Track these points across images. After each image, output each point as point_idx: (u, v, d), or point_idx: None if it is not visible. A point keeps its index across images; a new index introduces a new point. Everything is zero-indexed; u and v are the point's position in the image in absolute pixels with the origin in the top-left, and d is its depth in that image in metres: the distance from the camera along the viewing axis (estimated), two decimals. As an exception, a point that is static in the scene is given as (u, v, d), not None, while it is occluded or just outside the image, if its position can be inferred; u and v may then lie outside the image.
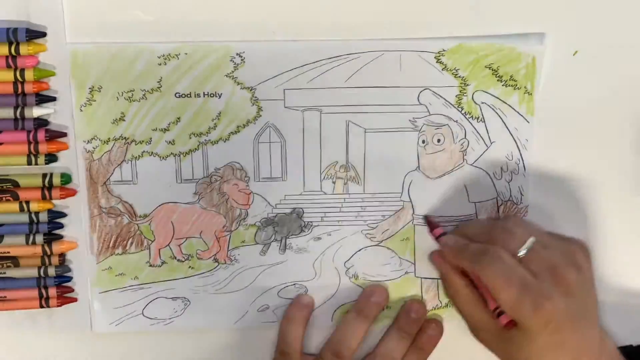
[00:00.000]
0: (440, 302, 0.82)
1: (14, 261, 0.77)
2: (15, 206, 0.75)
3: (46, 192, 0.75)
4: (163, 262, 0.79)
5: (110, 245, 0.78)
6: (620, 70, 0.77)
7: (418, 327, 0.82)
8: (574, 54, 0.76)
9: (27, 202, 0.75)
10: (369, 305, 0.80)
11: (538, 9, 0.74)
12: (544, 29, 0.75)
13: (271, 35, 0.73)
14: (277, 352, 0.81)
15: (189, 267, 0.80)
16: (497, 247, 0.72)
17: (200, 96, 0.75)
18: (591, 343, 0.73)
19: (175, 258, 0.79)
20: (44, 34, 0.71)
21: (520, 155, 0.78)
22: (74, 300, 0.79)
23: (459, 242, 0.76)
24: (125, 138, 0.75)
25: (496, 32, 0.74)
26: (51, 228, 0.76)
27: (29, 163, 0.74)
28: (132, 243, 0.78)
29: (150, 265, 0.79)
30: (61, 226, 0.77)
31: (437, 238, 0.78)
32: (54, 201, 0.76)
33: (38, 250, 0.76)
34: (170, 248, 0.79)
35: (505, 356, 0.75)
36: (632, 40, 0.76)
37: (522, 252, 0.72)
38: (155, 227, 0.78)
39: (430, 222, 0.79)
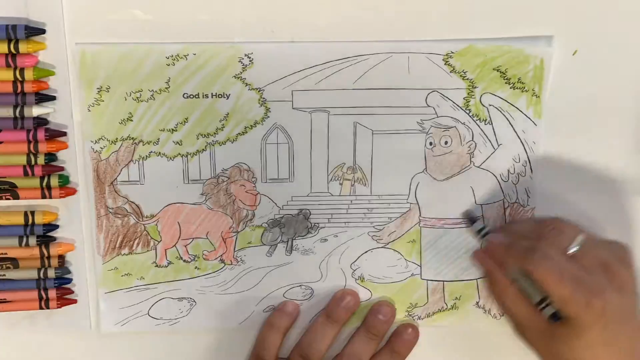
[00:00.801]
0: (446, 305, 0.82)
1: (14, 262, 0.77)
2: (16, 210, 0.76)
3: (46, 192, 0.75)
4: (169, 263, 0.79)
5: (117, 245, 0.78)
6: (625, 71, 0.77)
7: (386, 329, 0.81)
8: (573, 54, 0.76)
9: (33, 213, 0.76)
10: (339, 309, 0.80)
11: (546, 11, 0.74)
12: (552, 32, 0.75)
13: (280, 36, 0.73)
14: (253, 355, 0.81)
15: (195, 267, 0.80)
16: (547, 244, 0.72)
17: (208, 97, 0.75)
18: None
19: (182, 258, 0.79)
20: (43, 31, 0.72)
21: (527, 157, 0.78)
22: (74, 301, 0.79)
23: (507, 240, 0.76)
24: (132, 138, 0.75)
25: (504, 34, 0.74)
26: (46, 230, 0.76)
27: (29, 162, 0.74)
28: (138, 243, 0.79)
29: (157, 266, 0.79)
30: (55, 227, 0.77)
31: (479, 234, 0.78)
32: (53, 200, 0.76)
33: (35, 252, 0.76)
34: (177, 248, 0.79)
35: (551, 355, 0.73)
36: (635, 41, 0.76)
37: (573, 249, 0.72)
38: (161, 227, 0.78)
39: (471, 217, 0.79)
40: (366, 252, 0.80)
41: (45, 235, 0.77)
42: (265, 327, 0.81)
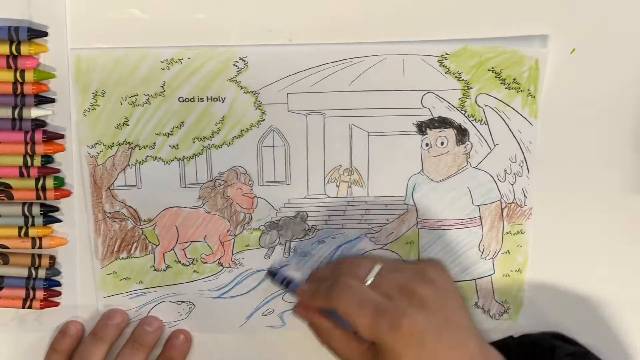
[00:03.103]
0: (445, 305, 0.82)
1: (4, 258, 0.77)
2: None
3: (40, 193, 0.75)
4: (168, 267, 0.79)
5: (115, 249, 0.78)
6: (622, 69, 0.77)
7: (154, 339, 0.81)
8: (571, 52, 0.75)
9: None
10: (107, 327, 0.80)
11: (541, 10, 0.74)
12: (547, 31, 0.75)
13: (274, 39, 0.73)
14: None
15: (194, 271, 0.80)
16: (345, 277, 0.73)
17: (203, 100, 0.75)
18: (466, 355, 0.71)
19: (180, 262, 0.79)
20: (45, 34, 0.72)
21: (524, 157, 0.78)
22: (56, 304, 0.80)
23: (312, 286, 0.77)
24: (129, 143, 0.76)
25: (499, 34, 0.74)
26: (46, 222, 0.77)
27: (25, 163, 0.74)
28: (136, 247, 0.79)
29: (155, 270, 0.79)
30: (57, 221, 0.77)
31: (283, 284, 0.79)
32: (48, 202, 0.77)
33: (27, 243, 0.77)
34: (175, 252, 0.79)
35: None
36: (632, 39, 0.76)
37: (369, 280, 0.73)
38: (159, 231, 0.78)
39: (271, 271, 0.80)
40: (364, 253, 0.80)
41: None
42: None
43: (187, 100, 0.75)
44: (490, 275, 0.81)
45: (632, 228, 0.81)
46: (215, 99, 0.75)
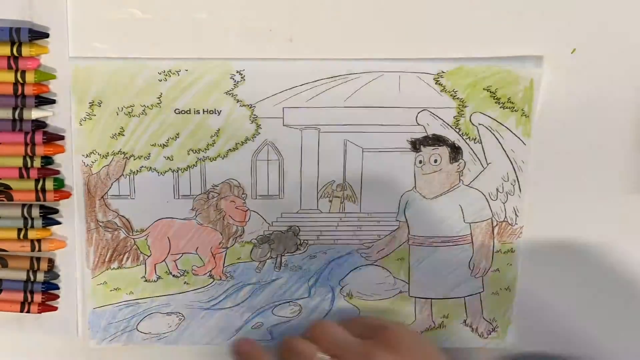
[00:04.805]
0: (434, 323, 0.82)
1: (2, 261, 0.77)
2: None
3: (40, 194, 0.75)
4: (158, 278, 0.79)
5: (107, 259, 0.78)
6: (621, 73, 0.77)
7: None
8: (572, 52, 0.76)
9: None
10: None
11: (536, 31, 0.75)
12: (542, 52, 0.75)
13: (271, 53, 0.74)
14: None
15: (184, 282, 0.80)
16: None
17: (199, 113, 0.75)
18: None
19: (171, 273, 0.79)
20: (46, 35, 0.72)
21: (516, 176, 0.78)
22: (54, 309, 0.79)
23: None
24: (124, 153, 0.76)
25: (496, 54, 0.75)
26: (45, 224, 0.76)
27: (25, 165, 0.74)
28: (128, 258, 0.79)
29: (146, 280, 0.79)
30: (57, 222, 0.77)
31: None
32: (47, 203, 0.77)
33: (26, 246, 0.76)
34: (166, 263, 0.79)
35: None
36: (632, 39, 0.76)
37: None
38: (151, 242, 0.78)
39: None
40: (355, 269, 0.80)
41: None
42: None
43: (183, 112, 0.75)
44: (479, 293, 0.82)
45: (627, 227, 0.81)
46: (211, 112, 0.75)
